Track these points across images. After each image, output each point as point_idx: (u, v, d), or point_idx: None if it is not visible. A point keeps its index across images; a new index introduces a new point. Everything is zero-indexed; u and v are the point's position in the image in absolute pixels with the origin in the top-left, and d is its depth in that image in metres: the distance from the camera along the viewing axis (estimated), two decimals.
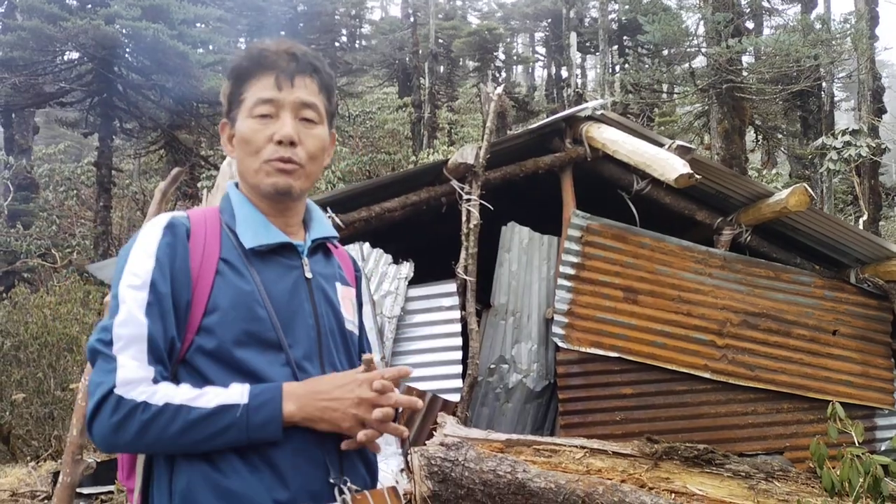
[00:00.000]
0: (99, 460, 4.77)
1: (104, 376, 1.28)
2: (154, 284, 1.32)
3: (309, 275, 1.50)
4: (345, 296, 1.59)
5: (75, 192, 20.32)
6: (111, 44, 15.39)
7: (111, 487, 5.30)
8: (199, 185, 20.61)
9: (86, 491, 5.33)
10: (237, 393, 1.30)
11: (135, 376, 1.27)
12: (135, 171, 23.52)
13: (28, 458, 7.89)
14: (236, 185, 1.56)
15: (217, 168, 20.56)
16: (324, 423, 1.35)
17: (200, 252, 1.39)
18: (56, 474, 5.51)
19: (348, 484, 1.40)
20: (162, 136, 18.97)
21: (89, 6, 17.08)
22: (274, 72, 1.46)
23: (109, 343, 1.29)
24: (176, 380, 1.33)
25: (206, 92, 16.86)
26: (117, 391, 1.26)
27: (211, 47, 21.37)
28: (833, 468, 3.46)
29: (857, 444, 3.54)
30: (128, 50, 16.19)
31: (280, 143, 1.44)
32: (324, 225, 1.60)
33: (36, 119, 21.11)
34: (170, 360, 1.33)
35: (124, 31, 15.51)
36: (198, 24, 19.46)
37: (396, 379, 1.40)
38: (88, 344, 1.33)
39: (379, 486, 1.49)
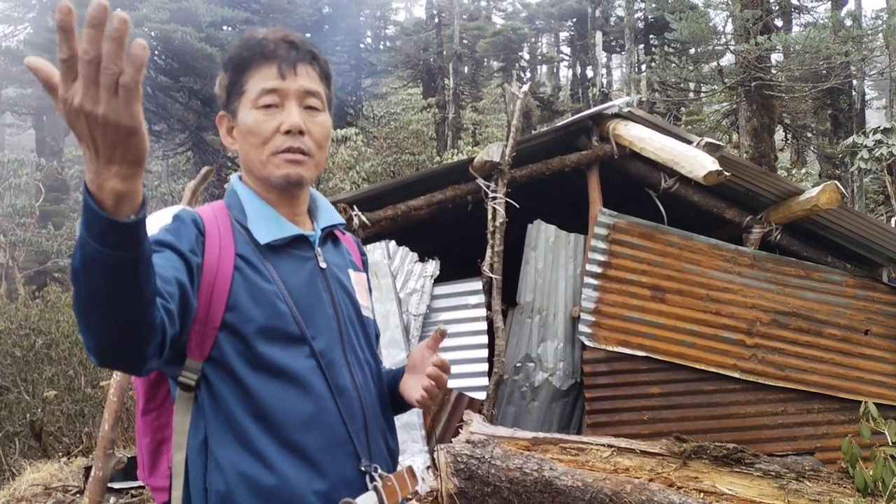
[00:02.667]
0: (130, 455, 4.83)
1: None
2: (162, 241, 1.28)
3: (323, 265, 1.50)
4: (358, 282, 1.60)
5: None
6: None
7: (142, 483, 5.36)
8: (225, 185, 20.81)
9: (116, 486, 5.40)
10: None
11: None
12: (163, 172, 23.81)
13: (59, 454, 8.01)
14: (239, 177, 1.54)
15: None
16: (105, 147, 0.99)
17: (217, 249, 1.37)
18: (88, 469, 5.59)
19: (378, 471, 1.42)
20: (189, 138, 19.20)
21: (118, 9, 17.34)
22: (276, 61, 1.44)
23: None
24: (205, 379, 1.32)
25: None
26: None
27: None
28: (866, 468, 3.41)
29: (890, 444, 3.49)
30: (156, 52, 16.42)
31: (288, 132, 1.43)
32: (330, 212, 1.60)
33: None
34: (183, 319, 1.23)
35: (153, 33, 15.73)
36: (225, 27, 19.67)
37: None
38: None
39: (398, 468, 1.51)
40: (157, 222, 1.36)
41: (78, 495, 5.84)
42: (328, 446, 1.36)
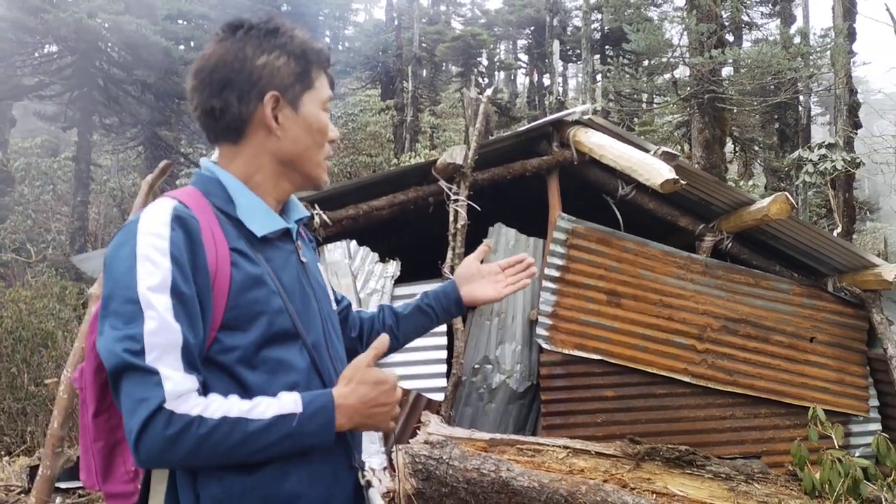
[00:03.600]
0: (79, 455, 4.72)
1: (148, 391, 1.19)
2: (176, 287, 1.24)
3: (304, 259, 1.51)
4: (324, 273, 1.65)
5: (52, 186, 20.07)
6: (93, 38, 15.28)
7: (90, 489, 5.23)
8: (177, 182, 20.46)
9: (63, 485, 5.27)
10: (290, 402, 1.27)
11: (183, 388, 1.20)
12: (113, 167, 23.29)
13: (1, 453, 7.77)
14: (214, 164, 1.48)
15: (196, 165, 20.40)
16: (366, 427, 1.37)
17: (213, 245, 1.33)
18: (33, 468, 5.45)
19: (366, 466, 1.46)
20: (141, 132, 18.83)
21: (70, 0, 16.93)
22: (328, 74, 1.54)
23: (141, 353, 1.19)
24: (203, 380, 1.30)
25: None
26: (168, 405, 1.19)
27: (193, 44, 21.26)
28: (813, 471, 3.53)
29: (836, 447, 3.62)
30: (110, 44, 16.07)
31: (332, 142, 1.53)
32: (299, 206, 1.61)
33: (12, 112, 20.83)
34: (199, 364, 1.28)
35: (106, 25, 15.41)
36: (181, 21, 19.37)
37: (380, 355, 1.46)
38: (112, 355, 1.20)
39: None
40: (156, 232, 1.28)
41: (22, 495, 5.68)
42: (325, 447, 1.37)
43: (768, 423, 6.00)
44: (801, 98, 17.19)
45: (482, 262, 1.94)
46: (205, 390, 1.27)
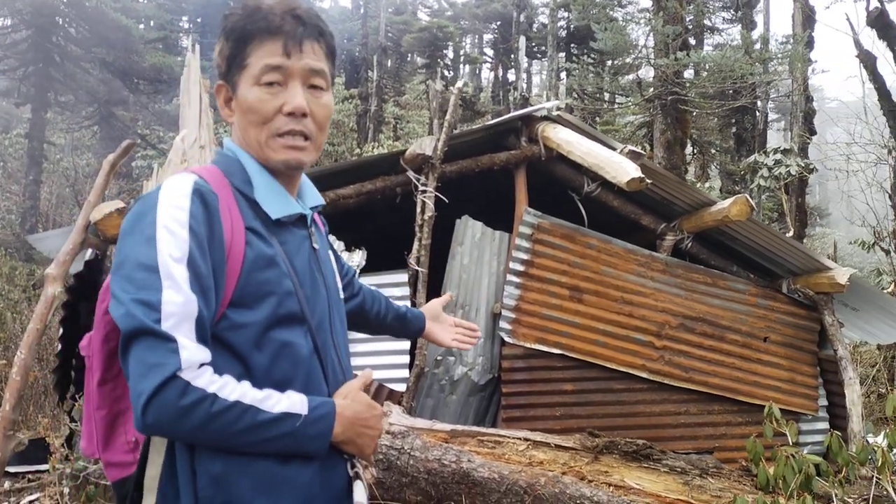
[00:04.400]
0: (31, 437, 4.61)
1: (163, 356, 1.18)
2: (193, 258, 1.25)
3: (316, 245, 1.51)
4: (334, 263, 1.65)
5: (2, 164, 19.49)
6: (50, 12, 14.87)
7: (43, 466, 5.12)
8: (133, 164, 20.05)
9: (12, 469, 5.14)
10: (298, 402, 1.30)
11: (197, 358, 1.21)
12: (67, 146, 22.69)
13: None
14: (234, 144, 1.49)
15: (154, 147, 20.03)
16: (353, 445, 1.39)
17: (230, 222, 1.33)
18: None
19: (356, 458, 1.46)
20: (98, 111, 18.40)
21: None
22: (281, 36, 1.39)
23: (158, 319, 1.19)
24: None
25: (148, 69, 16.47)
26: (184, 375, 1.19)
27: (152, 23, 20.83)
28: (767, 466, 3.62)
29: (790, 444, 3.72)
30: (68, 19, 15.65)
31: (291, 114, 1.40)
32: (315, 193, 1.60)
33: None
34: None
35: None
36: (142, 0, 18.95)
37: (368, 384, 1.50)
38: (131, 321, 1.20)
39: None
40: (175, 203, 1.28)
41: None
42: None
43: (721, 420, 6.14)
44: (759, 103, 17.55)
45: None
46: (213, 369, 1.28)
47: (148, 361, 1.19)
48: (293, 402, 1.30)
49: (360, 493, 1.42)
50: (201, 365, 1.22)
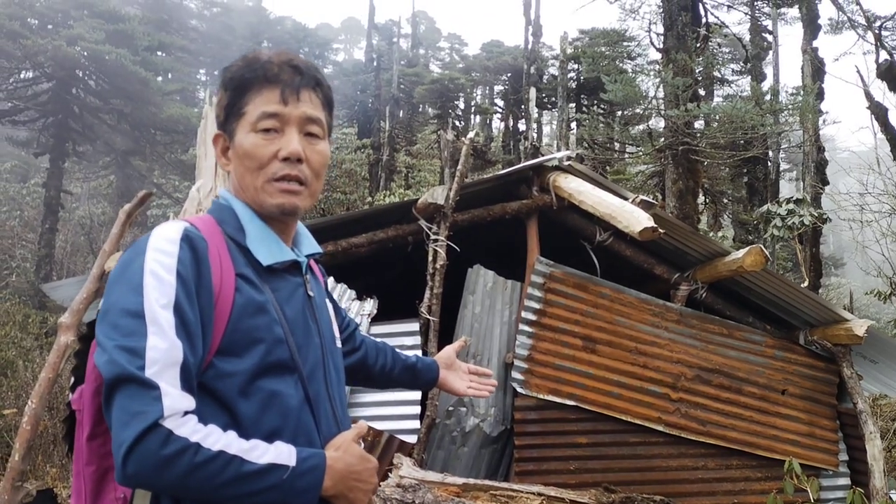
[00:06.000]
0: (40, 488, 4.55)
1: (145, 404, 1.16)
2: (180, 304, 1.23)
3: (311, 293, 1.49)
4: (332, 312, 1.62)
5: (19, 212, 19.72)
6: (71, 65, 15.22)
7: None
8: (149, 213, 20.25)
9: None
10: (286, 453, 1.26)
11: (180, 405, 1.18)
12: (83, 195, 23.01)
13: None
14: (228, 193, 1.50)
15: (169, 197, 20.25)
16: (343, 502, 1.34)
17: (219, 268, 1.32)
18: None
19: None
20: (114, 161, 18.68)
21: (50, 26, 16.89)
22: (278, 85, 1.42)
23: (142, 366, 1.17)
24: None
25: (165, 120, 16.75)
26: (166, 423, 1.16)
27: (170, 76, 21.27)
28: None
29: (812, 500, 3.61)
30: (87, 72, 16.00)
31: (286, 159, 1.41)
32: (311, 241, 1.59)
33: None
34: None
35: (86, 53, 15.36)
36: (160, 53, 19.38)
37: (362, 436, 1.44)
38: (113, 368, 1.18)
39: None
40: (164, 250, 1.28)
41: None
42: None
43: (739, 475, 6.00)
44: (771, 153, 17.60)
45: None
46: (199, 418, 1.24)
47: (130, 409, 1.16)
48: (280, 452, 1.25)
49: None
50: (185, 413, 1.19)
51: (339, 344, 1.60)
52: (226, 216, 1.44)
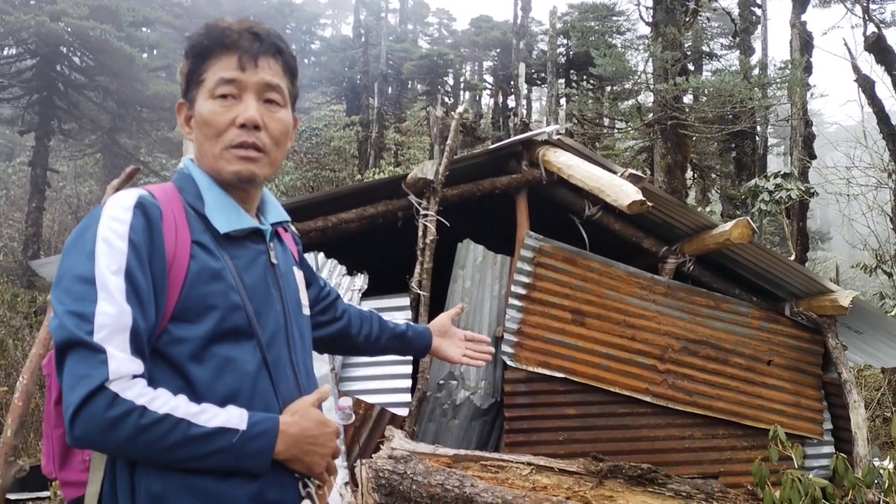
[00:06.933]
0: (32, 464, 4.58)
1: (91, 368, 1.18)
2: (131, 270, 1.25)
3: (275, 260, 1.50)
4: (300, 279, 1.63)
5: (5, 191, 19.57)
6: (55, 41, 15.03)
7: (43, 493, 5.08)
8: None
9: (13, 497, 5.10)
10: (236, 417, 1.28)
11: (127, 369, 1.20)
12: (69, 173, 22.82)
13: None
14: (192, 162, 1.50)
15: (157, 175, 20.12)
16: (300, 463, 1.36)
17: (174, 235, 1.33)
18: None
19: (310, 482, 1.43)
20: (100, 139, 18.52)
21: (33, 2, 16.65)
22: (237, 51, 1.42)
23: (90, 331, 1.20)
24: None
25: (151, 97, 16.61)
26: (112, 386, 1.18)
27: (156, 52, 21.04)
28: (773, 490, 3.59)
29: (796, 467, 3.69)
30: (72, 49, 15.81)
31: (243, 126, 1.41)
32: (278, 209, 1.60)
33: None
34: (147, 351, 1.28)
35: (69, 29, 15.18)
36: (145, 28, 19.17)
37: (323, 400, 1.45)
38: (62, 332, 1.21)
39: None
40: (117, 217, 1.29)
41: None
42: None
43: (726, 444, 6.10)
44: (759, 128, 17.64)
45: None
46: (150, 382, 1.26)
47: (77, 373, 1.19)
48: (231, 416, 1.27)
49: None
50: (134, 377, 1.21)
51: (306, 311, 1.60)
52: (186, 184, 1.45)
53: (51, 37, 14.69)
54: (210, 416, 1.25)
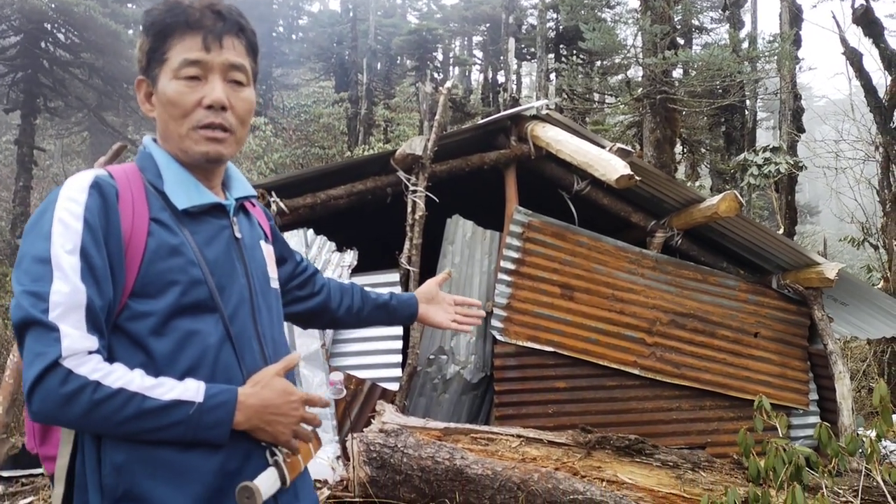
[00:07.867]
0: (24, 442, 4.60)
1: (46, 346, 1.22)
2: (86, 249, 1.27)
3: (239, 234, 1.51)
4: (269, 253, 1.63)
5: None
6: (39, 18, 14.81)
7: (37, 470, 5.11)
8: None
9: (5, 474, 5.12)
10: (193, 389, 1.30)
11: (81, 346, 1.23)
12: (56, 151, 22.63)
13: None
14: (153, 140, 1.51)
15: None
16: (263, 434, 1.38)
17: (130, 213, 1.35)
18: None
19: (279, 451, 1.44)
20: (87, 117, 18.35)
21: None
22: (201, 31, 1.42)
23: (45, 310, 1.23)
24: (109, 346, 1.31)
25: (137, 73, 16.41)
26: (66, 363, 1.22)
27: (142, 28, 20.76)
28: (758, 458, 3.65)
29: (780, 436, 3.74)
30: (56, 25, 15.60)
31: (210, 107, 1.42)
32: (243, 183, 1.61)
33: None
34: (106, 327, 1.30)
35: (53, 5, 14.95)
36: (130, 4, 18.92)
37: (290, 369, 1.46)
38: (19, 312, 1.24)
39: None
40: (73, 197, 1.31)
41: None
42: None
43: (713, 415, 6.18)
44: (748, 102, 17.63)
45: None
46: (111, 358, 1.29)
47: (34, 350, 1.23)
48: (187, 389, 1.29)
49: (262, 477, 1.38)
50: (89, 353, 1.24)
51: (274, 285, 1.62)
52: (146, 163, 1.46)
53: (35, 13, 14.49)
54: (166, 389, 1.28)
